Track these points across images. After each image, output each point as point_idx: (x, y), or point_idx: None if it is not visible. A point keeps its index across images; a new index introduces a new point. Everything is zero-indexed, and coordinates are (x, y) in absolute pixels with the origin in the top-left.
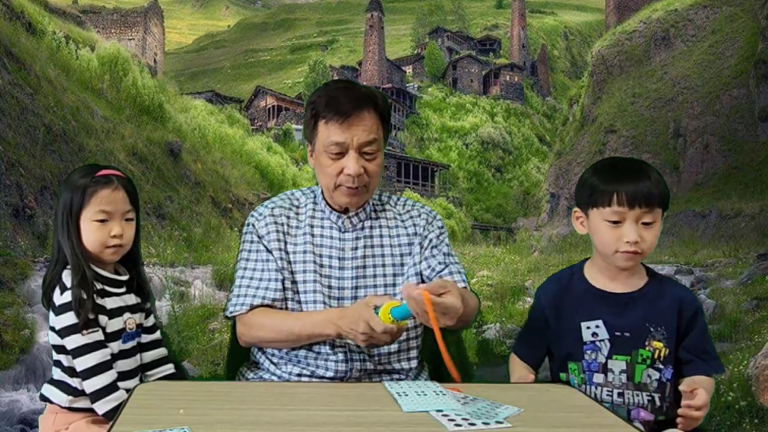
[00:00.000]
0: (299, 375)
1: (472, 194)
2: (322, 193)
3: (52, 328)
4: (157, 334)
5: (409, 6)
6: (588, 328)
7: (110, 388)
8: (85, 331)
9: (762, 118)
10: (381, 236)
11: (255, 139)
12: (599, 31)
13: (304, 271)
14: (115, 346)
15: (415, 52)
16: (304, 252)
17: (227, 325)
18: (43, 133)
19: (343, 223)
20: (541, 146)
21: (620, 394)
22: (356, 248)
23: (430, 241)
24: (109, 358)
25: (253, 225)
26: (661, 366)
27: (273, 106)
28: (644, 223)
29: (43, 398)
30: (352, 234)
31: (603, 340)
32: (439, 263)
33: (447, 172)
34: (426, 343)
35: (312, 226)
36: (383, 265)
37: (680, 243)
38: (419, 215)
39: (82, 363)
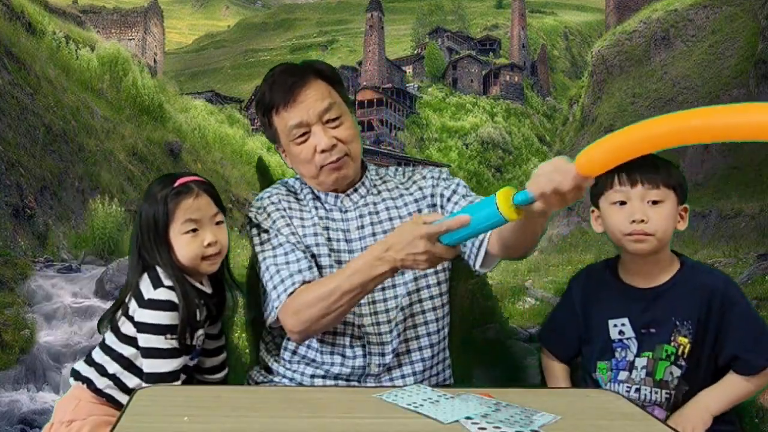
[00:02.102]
0: (312, 376)
1: None
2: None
3: (130, 317)
4: (222, 340)
5: (409, 6)
6: (615, 326)
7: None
8: (169, 335)
9: None
10: (387, 209)
11: (255, 139)
12: (599, 31)
13: (319, 255)
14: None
15: (415, 52)
16: (315, 234)
17: (228, 325)
18: (43, 133)
19: (342, 202)
20: (541, 146)
21: (637, 390)
22: (362, 226)
23: (442, 196)
24: (180, 367)
25: (264, 209)
26: (683, 363)
27: None
28: (652, 202)
29: (76, 375)
30: (354, 212)
31: (630, 338)
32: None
33: None
34: (452, 339)
35: (316, 208)
36: None
37: (680, 243)
38: (423, 177)
39: (152, 366)
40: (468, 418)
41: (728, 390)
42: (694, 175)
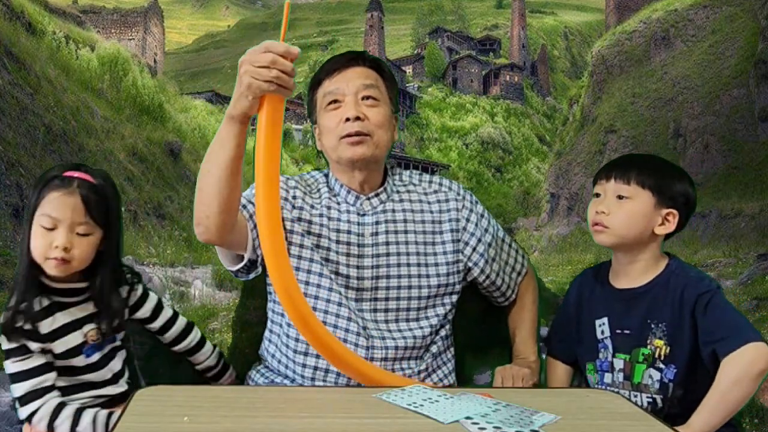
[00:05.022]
0: (315, 368)
1: None
2: (332, 170)
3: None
4: (179, 324)
5: (409, 6)
6: (599, 326)
7: (51, 411)
8: (15, 358)
9: (762, 118)
10: (405, 221)
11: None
12: (599, 31)
13: (312, 255)
14: (79, 361)
15: (415, 52)
16: (319, 236)
17: (227, 325)
18: (43, 133)
19: (361, 204)
20: (541, 146)
21: (617, 394)
22: (377, 233)
23: (472, 234)
24: (48, 384)
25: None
26: (662, 366)
27: None
28: (619, 197)
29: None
30: (372, 217)
31: (608, 338)
32: (495, 272)
33: (447, 172)
34: (456, 340)
35: (329, 208)
36: (407, 254)
37: (680, 243)
38: (446, 200)
39: (15, 390)
40: (468, 418)
41: (712, 404)
42: (694, 175)
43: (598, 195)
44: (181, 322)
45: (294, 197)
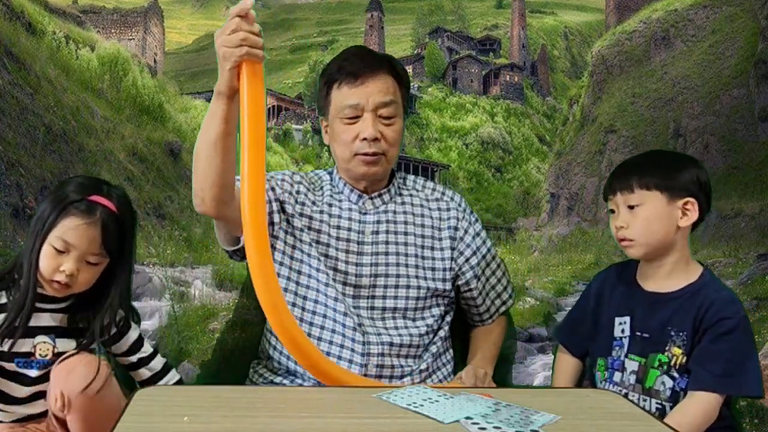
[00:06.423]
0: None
1: (472, 194)
2: (339, 171)
3: None
4: (155, 363)
5: (409, 6)
6: (620, 323)
7: None
8: None
9: (762, 118)
10: (405, 223)
11: None
12: (599, 31)
13: (310, 250)
14: (9, 366)
15: (415, 52)
16: (319, 231)
17: (227, 325)
18: (43, 133)
19: (364, 204)
20: (541, 146)
21: (625, 395)
22: (377, 232)
23: (461, 253)
24: None
25: (272, 176)
26: (675, 374)
27: (273, 106)
28: (630, 207)
29: None
30: (373, 216)
31: (626, 337)
32: (478, 290)
33: (447, 172)
34: (455, 341)
35: (330, 205)
36: (406, 255)
37: None
38: (448, 209)
39: None
40: (468, 418)
41: (679, 417)
42: None
43: (612, 211)
44: (158, 362)
45: (298, 192)
